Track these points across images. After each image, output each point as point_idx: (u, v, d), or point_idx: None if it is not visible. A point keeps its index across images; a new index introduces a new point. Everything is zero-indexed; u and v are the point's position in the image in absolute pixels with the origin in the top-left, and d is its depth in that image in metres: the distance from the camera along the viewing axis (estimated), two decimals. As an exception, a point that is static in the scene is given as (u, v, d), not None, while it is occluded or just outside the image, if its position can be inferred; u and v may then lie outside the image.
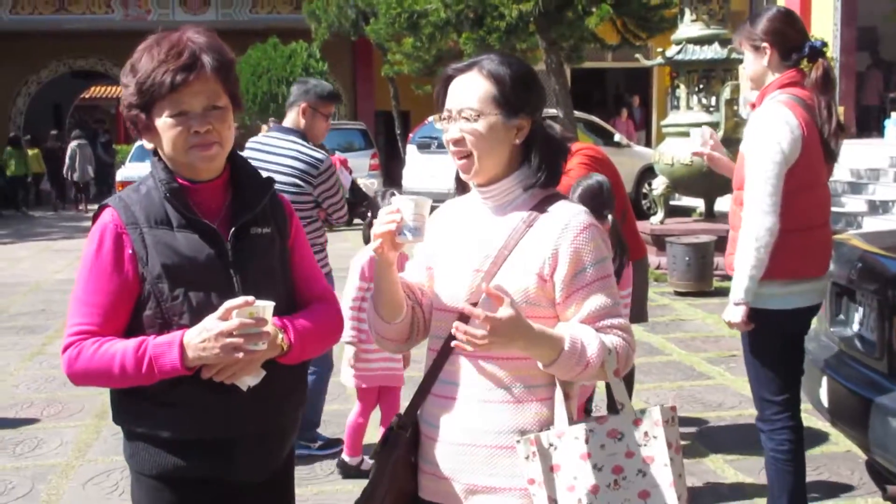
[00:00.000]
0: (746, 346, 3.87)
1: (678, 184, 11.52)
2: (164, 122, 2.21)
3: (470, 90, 2.19)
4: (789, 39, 3.79)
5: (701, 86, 11.20)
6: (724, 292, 4.05)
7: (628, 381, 5.24)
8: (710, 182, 10.79)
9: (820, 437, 5.34)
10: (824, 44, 3.87)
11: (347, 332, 4.62)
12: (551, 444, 2.09)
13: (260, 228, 2.32)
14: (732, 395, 6.22)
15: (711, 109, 11.18)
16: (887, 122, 17.38)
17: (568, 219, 2.17)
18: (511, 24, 13.64)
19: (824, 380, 4.21)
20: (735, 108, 10.73)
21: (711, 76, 11.18)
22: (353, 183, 18.83)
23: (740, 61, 10.76)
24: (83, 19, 26.45)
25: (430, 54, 18.60)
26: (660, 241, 10.98)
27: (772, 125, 3.64)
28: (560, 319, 2.18)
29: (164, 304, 2.18)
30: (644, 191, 17.20)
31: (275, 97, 23.04)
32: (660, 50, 11.85)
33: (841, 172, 15.28)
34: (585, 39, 15.43)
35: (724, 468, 5.00)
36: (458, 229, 2.33)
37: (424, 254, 2.40)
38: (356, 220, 17.51)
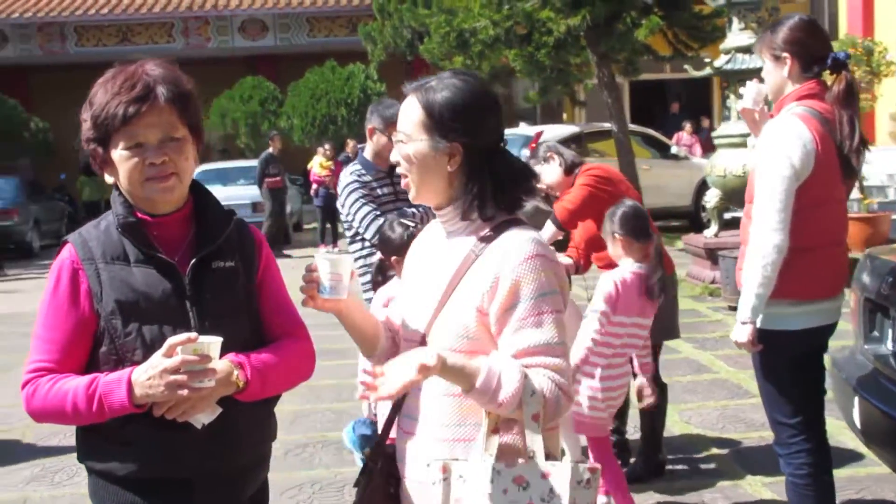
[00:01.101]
0: (757, 367, 3.73)
1: (732, 196, 11.27)
2: (119, 155, 2.19)
3: (405, 113, 2.16)
4: (811, 50, 3.64)
5: (751, 95, 10.92)
6: None
7: (658, 413, 5.09)
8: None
9: (863, 458, 5.14)
10: (848, 56, 3.73)
11: None
12: (461, 476, 1.99)
13: (223, 262, 2.27)
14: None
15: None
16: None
17: (511, 247, 2.07)
18: (559, 39, 13.55)
19: (856, 400, 4.04)
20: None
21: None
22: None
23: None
24: (146, 49, 26.95)
25: (484, 72, 18.61)
26: (713, 255, 10.76)
27: (783, 139, 3.50)
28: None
29: (117, 341, 2.15)
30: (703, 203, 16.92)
31: (333, 119, 23.23)
32: (707, 60, 11.63)
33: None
34: (638, 52, 15.28)
35: (762, 490, 4.83)
36: (423, 255, 2.31)
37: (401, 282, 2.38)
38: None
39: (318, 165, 17.82)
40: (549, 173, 4.95)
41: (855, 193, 12.96)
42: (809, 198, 3.51)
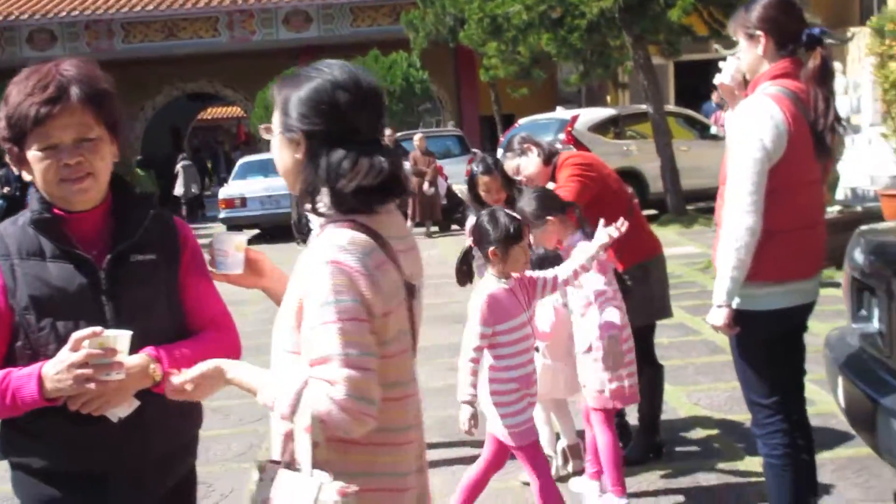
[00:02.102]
0: (734, 348, 3.71)
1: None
2: (34, 156, 2.22)
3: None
4: (785, 27, 3.59)
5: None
6: None
7: (655, 395, 5.07)
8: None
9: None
10: (823, 31, 3.67)
11: (467, 388, 3.97)
12: (273, 479, 1.99)
13: (142, 255, 2.31)
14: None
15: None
16: None
17: (312, 251, 2.03)
18: (592, 22, 13.46)
19: (840, 380, 4.00)
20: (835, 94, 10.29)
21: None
22: (449, 189, 18.96)
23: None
24: (191, 44, 27.33)
25: (525, 57, 18.55)
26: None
27: (755, 119, 3.46)
28: None
29: (31, 336, 2.20)
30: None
31: (376, 108, 23.29)
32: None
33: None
34: (675, 32, 15.12)
35: (758, 470, 4.79)
36: None
37: None
38: (453, 227, 17.54)
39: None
40: (527, 165, 4.91)
41: (893, 170, 12.73)
42: (782, 179, 3.48)
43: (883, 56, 12.02)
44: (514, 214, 4.12)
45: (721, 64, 4.02)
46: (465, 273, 4.20)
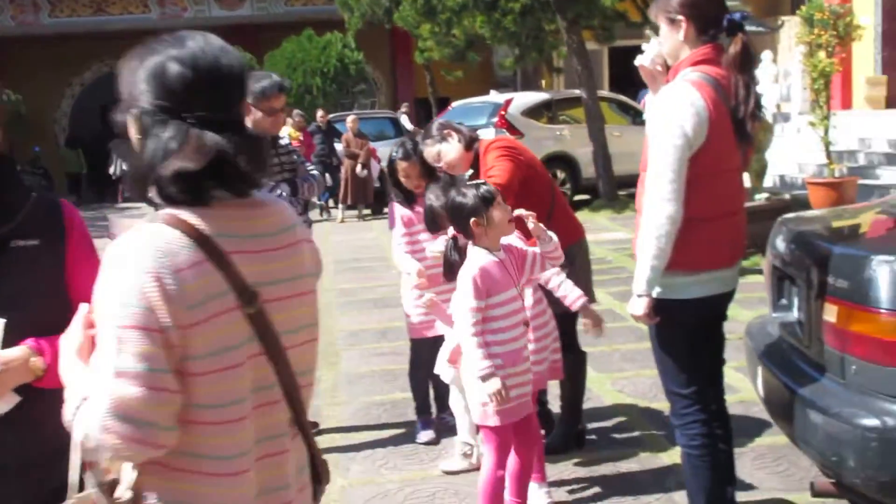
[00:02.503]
0: (653, 337, 3.66)
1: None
2: None
3: None
4: (706, 12, 3.52)
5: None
6: (740, 272, 3.82)
7: (578, 383, 5.03)
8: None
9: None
10: (744, 16, 3.62)
11: (481, 363, 3.79)
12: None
13: (23, 241, 2.17)
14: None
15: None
16: (932, 91, 16.78)
17: (108, 251, 1.80)
18: (526, 6, 13.40)
19: (759, 369, 3.98)
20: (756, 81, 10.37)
21: (723, 50, 10.82)
22: (382, 171, 18.90)
23: (753, 34, 10.40)
24: (121, 20, 26.77)
25: (460, 39, 18.48)
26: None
27: (676, 106, 3.39)
28: None
29: None
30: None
31: (309, 89, 23.09)
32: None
33: (878, 144, 14.81)
34: (608, 17, 15.14)
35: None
36: None
37: None
38: (385, 210, 17.45)
39: (287, 136, 17.65)
40: (448, 151, 4.81)
41: (821, 159, 12.90)
42: (703, 167, 3.42)
43: (811, 45, 12.15)
44: (476, 182, 4.07)
45: (644, 46, 3.95)
46: (456, 265, 4.08)
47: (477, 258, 3.91)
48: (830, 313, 3.38)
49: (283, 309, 1.85)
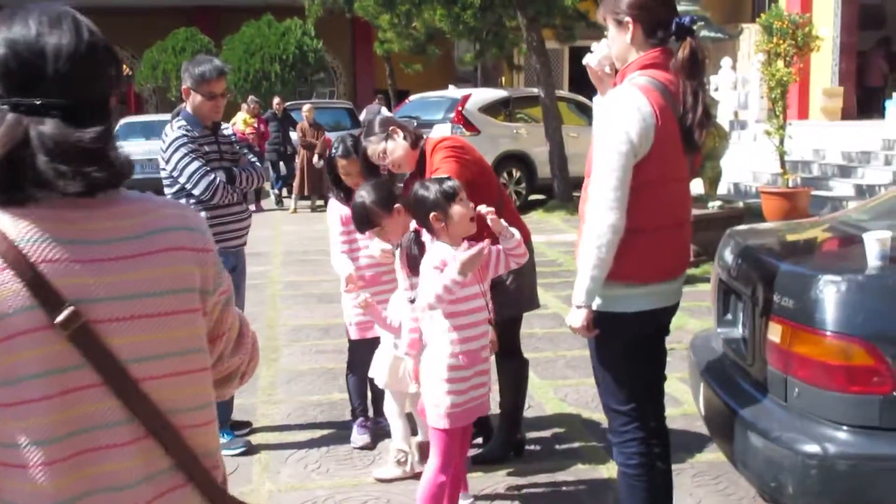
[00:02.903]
0: (592, 351, 3.53)
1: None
2: None
3: None
4: (655, 15, 3.39)
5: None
6: (688, 279, 3.67)
7: (518, 390, 4.91)
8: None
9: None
10: (694, 20, 3.50)
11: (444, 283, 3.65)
12: None
13: None
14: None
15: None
16: (888, 104, 16.86)
17: None
18: (486, 1, 13.26)
19: (701, 386, 3.89)
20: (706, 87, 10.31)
21: (681, 55, 10.76)
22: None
23: (711, 40, 10.31)
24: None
25: (420, 32, 18.31)
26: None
27: (621, 111, 3.25)
28: None
29: None
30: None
31: (267, 75, 22.82)
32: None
33: (832, 155, 14.89)
34: (569, 17, 15.05)
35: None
36: None
37: None
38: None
39: (241, 122, 17.39)
40: (395, 149, 4.66)
41: (775, 168, 12.91)
42: (648, 175, 3.29)
43: (770, 54, 12.13)
44: (441, 176, 3.96)
45: (593, 46, 3.82)
46: (417, 260, 3.95)
47: (438, 251, 3.79)
48: (774, 332, 3.28)
49: (126, 332, 1.56)
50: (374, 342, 4.72)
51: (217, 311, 1.76)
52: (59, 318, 1.49)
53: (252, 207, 16.07)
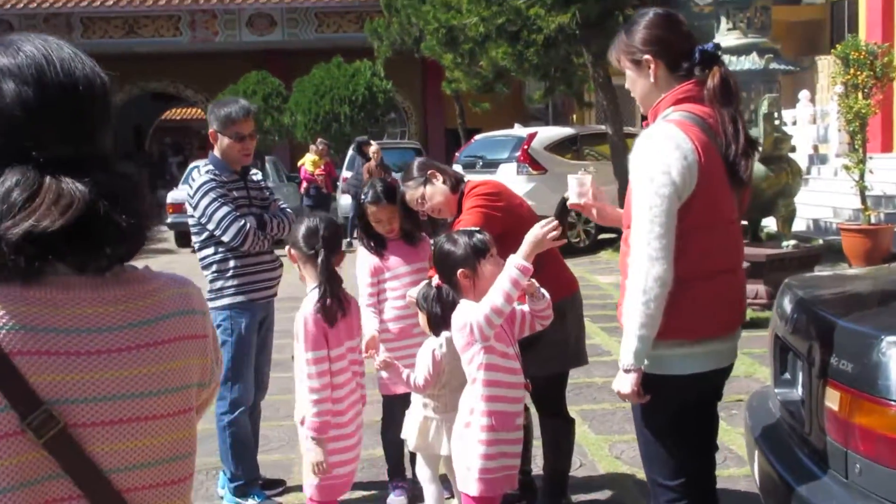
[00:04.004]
0: (637, 419, 3.18)
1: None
2: None
3: None
4: (676, 47, 3.09)
5: (738, 99, 10.29)
6: (760, 324, 3.32)
7: (563, 452, 4.55)
8: (750, 201, 9.96)
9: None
10: (717, 46, 3.17)
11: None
12: None
13: None
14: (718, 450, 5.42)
15: (750, 125, 10.32)
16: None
17: None
18: (549, 38, 12.98)
19: (756, 453, 3.49)
20: (776, 121, 9.88)
21: (750, 88, 10.32)
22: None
23: (781, 72, 9.89)
24: (152, 42, 26.74)
25: (487, 70, 18.15)
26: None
27: (660, 151, 2.92)
28: None
29: None
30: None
31: (336, 117, 22.81)
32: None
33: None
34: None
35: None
36: None
37: None
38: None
39: (309, 163, 17.36)
40: (434, 194, 4.38)
41: (856, 203, 12.33)
42: (695, 218, 2.95)
43: (847, 85, 11.64)
44: (472, 229, 3.66)
45: (570, 180, 3.49)
46: (439, 319, 3.67)
47: (466, 312, 3.47)
48: (832, 399, 2.89)
49: (111, 438, 1.33)
50: (406, 398, 4.43)
51: (208, 402, 1.54)
52: (32, 423, 1.27)
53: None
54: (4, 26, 26.26)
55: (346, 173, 17.90)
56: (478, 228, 3.71)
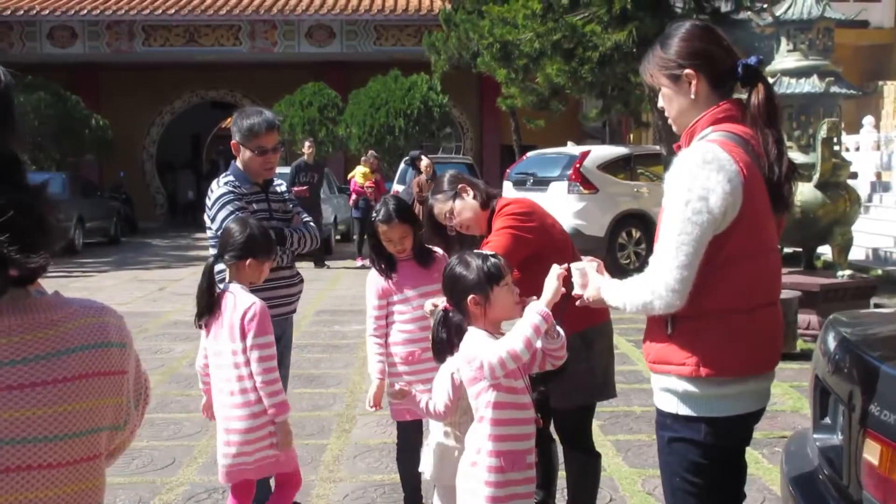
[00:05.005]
0: (663, 465, 2.96)
1: (786, 231, 10.39)
2: None
3: None
4: (717, 60, 2.85)
5: (796, 123, 10.01)
6: (809, 356, 3.11)
7: (587, 488, 4.31)
8: (806, 229, 9.64)
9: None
10: (760, 59, 2.94)
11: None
12: None
13: None
14: (758, 490, 5.17)
15: (808, 149, 10.00)
16: None
17: None
18: (604, 55, 12.75)
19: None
20: (835, 146, 9.55)
21: (810, 112, 10.02)
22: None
23: (843, 96, 9.58)
24: (212, 51, 26.95)
25: (543, 87, 17.99)
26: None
27: (701, 173, 2.67)
28: None
29: None
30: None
31: (391, 130, 22.74)
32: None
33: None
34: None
35: None
36: None
37: None
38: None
39: (359, 175, 17.27)
40: (462, 209, 4.20)
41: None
42: (736, 246, 2.71)
43: (914, 111, 11.26)
44: (487, 252, 3.42)
45: (574, 270, 3.20)
46: (444, 345, 3.47)
47: (477, 340, 3.26)
48: (871, 452, 2.65)
49: None
50: (417, 425, 4.28)
51: (123, 447, 1.35)
52: None
53: (364, 260, 15.78)
54: (67, 33, 26.67)
55: (397, 187, 17.78)
56: (492, 253, 3.48)
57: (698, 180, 2.68)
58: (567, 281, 3.22)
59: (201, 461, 5.79)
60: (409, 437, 4.50)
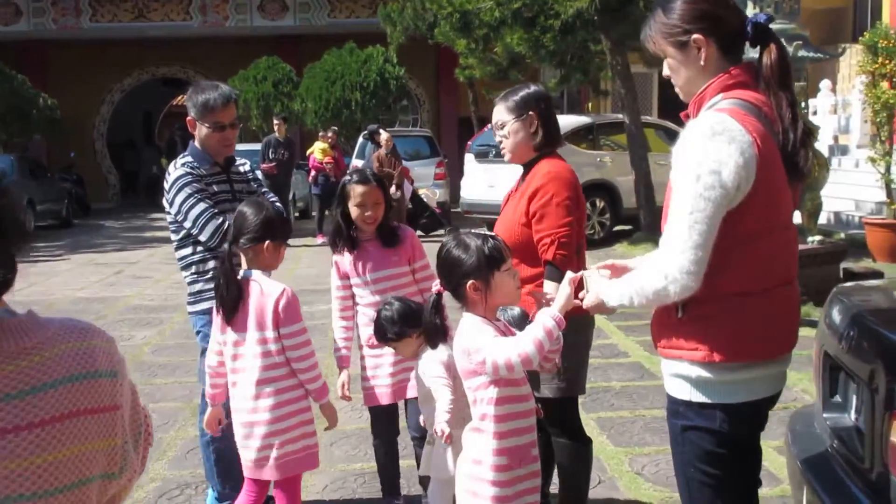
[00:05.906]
0: (676, 455, 2.80)
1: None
2: None
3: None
4: (729, 24, 2.66)
5: (764, 88, 9.85)
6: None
7: (578, 475, 4.14)
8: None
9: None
10: (770, 18, 2.75)
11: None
12: None
13: None
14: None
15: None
16: None
17: None
18: (567, 23, 12.54)
19: (805, 488, 3.11)
20: (803, 112, 9.45)
21: (777, 77, 9.89)
22: (414, 193, 18.04)
23: (809, 60, 9.45)
24: (162, 26, 26.38)
25: (502, 57, 17.79)
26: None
27: (711, 145, 2.48)
28: None
29: None
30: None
31: (347, 104, 22.42)
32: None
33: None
34: (657, 39, 14.26)
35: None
36: None
37: None
38: (417, 232, 16.80)
39: (318, 151, 16.97)
40: (519, 131, 3.79)
41: (880, 196, 11.91)
42: (752, 223, 2.53)
43: (874, 75, 11.21)
44: (487, 233, 3.19)
45: (587, 277, 3.00)
46: (437, 330, 3.28)
47: (472, 327, 3.04)
48: (900, 435, 2.51)
49: None
50: (392, 409, 4.24)
51: (120, 498, 1.12)
52: None
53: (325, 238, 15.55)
54: (11, 10, 25.95)
55: (356, 161, 17.49)
56: (493, 234, 3.26)
57: (709, 153, 2.49)
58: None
59: (171, 455, 5.56)
60: (383, 422, 4.34)
